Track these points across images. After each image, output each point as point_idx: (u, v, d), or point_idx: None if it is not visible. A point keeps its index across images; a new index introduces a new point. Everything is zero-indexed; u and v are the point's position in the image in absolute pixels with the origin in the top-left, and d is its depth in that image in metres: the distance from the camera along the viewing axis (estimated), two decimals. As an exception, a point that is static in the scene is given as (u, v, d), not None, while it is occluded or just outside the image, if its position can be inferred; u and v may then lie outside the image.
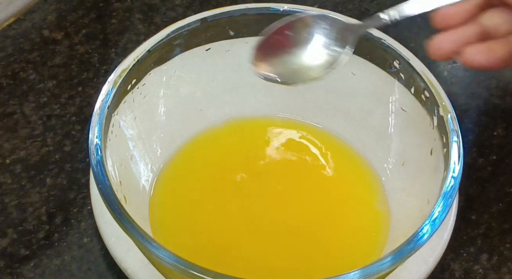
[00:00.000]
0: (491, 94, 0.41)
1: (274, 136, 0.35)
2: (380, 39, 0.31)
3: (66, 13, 0.44)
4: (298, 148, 0.35)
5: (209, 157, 0.34)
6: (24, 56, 0.41)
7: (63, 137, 0.37)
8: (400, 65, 0.31)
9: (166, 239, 0.29)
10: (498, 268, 0.33)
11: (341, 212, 0.33)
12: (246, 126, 0.35)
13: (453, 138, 0.27)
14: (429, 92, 0.29)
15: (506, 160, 0.37)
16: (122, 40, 0.43)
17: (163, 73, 0.32)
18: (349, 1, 0.46)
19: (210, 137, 0.35)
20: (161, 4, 0.46)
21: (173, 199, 0.32)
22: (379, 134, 0.34)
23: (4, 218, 0.33)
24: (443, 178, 0.26)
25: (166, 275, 0.27)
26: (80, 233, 0.33)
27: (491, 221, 0.35)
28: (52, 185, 0.35)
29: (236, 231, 0.31)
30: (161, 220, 0.31)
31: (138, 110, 0.31)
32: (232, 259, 0.30)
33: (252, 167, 0.34)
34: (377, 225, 0.31)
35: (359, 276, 0.23)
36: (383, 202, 0.32)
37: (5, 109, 0.38)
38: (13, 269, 0.32)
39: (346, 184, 0.34)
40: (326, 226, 0.32)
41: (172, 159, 0.33)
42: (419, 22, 0.45)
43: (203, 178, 0.33)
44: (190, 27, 0.31)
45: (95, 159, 0.26)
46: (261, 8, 0.32)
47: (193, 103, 0.34)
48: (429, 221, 0.25)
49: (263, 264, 0.30)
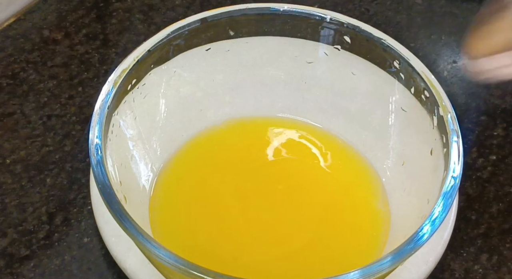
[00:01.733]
0: (491, 94, 0.41)
1: (274, 136, 0.35)
2: (380, 39, 0.31)
3: (66, 13, 0.44)
4: (298, 147, 0.35)
5: (209, 157, 0.34)
6: (24, 56, 0.41)
7: (63, 137, 0.37)
8: (400, 65, 0.31)
9: (166, 239, 0.29)
10: (498, 268, 0.33)
11: (341, 211, 0.32)
12: (246, 126, 0.35)
13: (453, 138, 0.27)
14: (429, 92, 0.29)
15: (506, 160, 0.37)
16: (122, 40, 0.43)
17: (163, 73, 0.32)
18: (349, 1, 0.46)
19: (210, 137, 0.35)
20: (161, 4, 0.46)
21: (173, 199, 0.32)
22: (379, 134, 0.34)
23: (4, 218, 0.33)
24: (443, 178, 0.26)
25: (166, 275, 0.27)
26: (80, 233, 0.33)
27: (491, 221, 0.35)
28: (52, 185, 0.35)
29: (236, 231, 0.31)
30: (161, 220, 0.31)
31: (138, 110, 0.31)
32: (232, 259, 0.30)
33: (252, 166, 0.34)
34: (377, 225, 0.31)
35: (359, 276, 0.23)
36: (383, 201, 0.32)
37: (5, 109, 0.38)
38: (13, 269, 0.32)
39: (346, 183, 0.34)
40: (326, 225, 0.32)
41: (172, 159, 0.33)
42: (419, 22, 0.46)
43: (203, 178, 0.33)
44: (190, 27, 0.31)
45: (95, 159, 0.26)
46: (261, 8, 0.32)
47: (193, 103, 0.34)
48: (429, 221, 0.25)
49: (263, 264, 0.30)
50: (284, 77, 0.35)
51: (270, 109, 0.36)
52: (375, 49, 0.32)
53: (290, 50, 0.34)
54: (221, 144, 0.35)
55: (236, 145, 0.35)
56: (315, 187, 0.34)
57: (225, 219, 0.32)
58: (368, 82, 0.33)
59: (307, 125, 0.36)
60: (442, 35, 0.45)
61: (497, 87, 0.41)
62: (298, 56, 0.34)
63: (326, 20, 0.32)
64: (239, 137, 0.35)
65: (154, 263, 0.27)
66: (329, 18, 0.32)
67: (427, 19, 0.46)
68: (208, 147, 0.35)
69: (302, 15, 0.32)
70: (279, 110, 0.36)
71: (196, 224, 0.32)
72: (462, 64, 0.29)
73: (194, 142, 0.34)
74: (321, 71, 0.34)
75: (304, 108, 0.36)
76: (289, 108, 0.36)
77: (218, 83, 0.35)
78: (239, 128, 0.35)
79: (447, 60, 0.43)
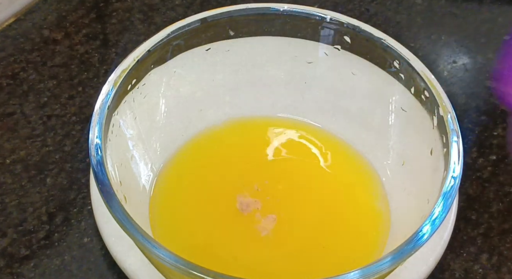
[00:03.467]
0: (491, 94, 0.41)
1: (274, 136, 0.35)
2: (380, 39, 0.31)
3: (66, 13, 0.44)
4: (298, 147, 0.35)
5: (209, 157, 0.34)
6: (24, 56, 0.41)
7: (63, 137, 0.37)
8: (400, 65, 0.31)
9: (166, 239, 0.29)
10: (498, 268, 0.33)
11: (341, 211, 0.32)
12: (246, 126, 0.35)
13: (453, 138, 0.27)
14: (429, 92, 0.29)
15: (506, 160, 0.37)
16: (122, 40, 0.43)
17: (163, 73, 0.32)
18: (349, 1, 0.46)
19: (210, 137, 0.35)
20: (161, 4, 0.46)
21: (173, 198, 0.32)
22: (379, 134, 0.34)
23: (4, 218, 0.33)
24: (443, 178, 0.26)
25: (166, 275, 0.27)
26: (80, 233, 0.33)
27: (491, 221, 0.35)
28: (52, 185, 0.35)
29: (236, 231, 0.31)
30: (161, 220, 0.31)
31: (138, 110, 0.31)
32: (232, 259, 0.30)
33: (252, 166, 0.34)
34: (377, 225, 0.31)
35: (359, 276, 0.23)
36: (384, 201, 0.32)
37: (5, 109, 0.38)
38: (13, 269, 0.32)
39: (346, 183, 0.34)
40: (326, 225, 0.32)
41: (172, 158, 0.33)
42: (419, 22, 0.46)
43: (203, 178, 0.33)
44: (190, 27, 0.31)
45: (95, 159, 0.26)
46: (261, 8, 0.32)
47: (193, 103, 0.34)
48: (429, 221, 0.25)
49: (263, 264, 0.30)
50: (284, 77, 0.35)
51: (270, 109, 0.36)
52: (375, 49, 0.32)
53: (290, 50, 0.34)
54: (221, 144, 0.35)
55: (236, 144, 0.35)
56: (315, 186, 0.33)
57: (224, 219, 0.32)
58: (368, 82, 0.33)
59: (307, 125, 0.36)
60: (442, 35, 0.45)
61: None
62: (298, 56, 0.34)
63: (326, 20, 0.32)
64: (239, 137, 0.35)
65: (154, 263, 0.27)
66: (329, 18, 0.32)
67: (427, 19, 0.46)
68: (208, 146, 0.35)
69: (302, 15, 0.32)
70: (279, 110, 0.36)
71: (196, 223, 0.32)
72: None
73: (194, 142, 0.34)
74: (321, 71, 0.34)
75: (304, 108, 0.36)
76: (289, 108, 0.36)
77: (218, 83, 0.35)
78: (239, 128, 0.35)
79: (447, 60, 0.43)
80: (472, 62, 0.43)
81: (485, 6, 0.47)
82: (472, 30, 0.45)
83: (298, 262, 0.30)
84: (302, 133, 0.35)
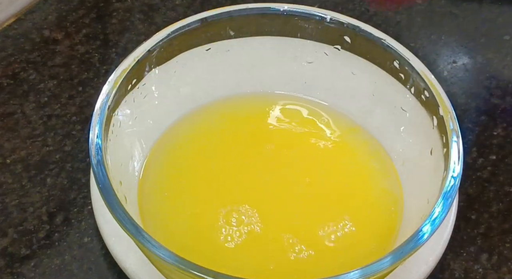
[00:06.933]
0: (491, 94, 0.41)
1: (274, 113, 0.35)
2: (380, 39, 0.31)
3: (67, 13, 0.44)
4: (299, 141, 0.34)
5: (209, 154, 0.34)
6: (24, 56, 0.41)
7: (63, 137, 0.37)
8: (400, 65, 0.31)
9: (159, 236, 0.29)
10: (498, 268, 0.33)
11: (353, 188, 0.32)
12: (246, 125, 0.35)
13: (453, 138, 0.27)
14: (429, 92, 0.29)
15: (506, 160, 0.37)
16: (122, 40, 0.43)
17: (163, 73, 0.32)
18: (349, 1, 0.46)
19: (210, 135, 0.34)
20: (161, 4, 0.46)
21: (163, 186, 0.31)
22: (379, 134, 0.34)
23: (4, 218, 0.33)
24: (443, 178, 0.26)
25: (166, 274, 0.27)
26: (81, 232, 0.33)
27: (491, 221, 0.35)
28: (53, 184, 0.35)
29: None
30: (151, 213, 0.30)
31: (138, 110, 0.31)
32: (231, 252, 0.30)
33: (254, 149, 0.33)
34: (393, 205, 0.31)
35: (359, 276, 0.23)
36: (396, 185, 0.31)
37: (6, 109, 0.38)
38: (13, 268, 0.32)
39: (363, 167, 0.33)
40: (338, 214, 0.31)
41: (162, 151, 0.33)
42: (419, 22, 0.46)
43: (202, 174, 0.33)
44: (190, 27, 0.31)
45: (95, 159, 0.26)
46: (261, 8, 0.32)
47: (193, 103, 0.34)
48: (429, 220, 0.25)
49: (263, 263, 0.30)
50: (284, 77, 0.35)
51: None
52: (375, 49, 0.32)
53: (290, 50, 0.34)
54: (221, 141, 0.35)
55: (235, 141, 0.34)
56: (321, 160, 0.33)
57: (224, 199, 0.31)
58: (368, 82, 0.33)
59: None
60: (442, 35, 0.45)
61: (497, 87, 0.41)
62: (298, 56, 0.34)
63: (326, 20, 0.32)
64: (239, 135, 0.35)
65: (154, 263, 0.27)
66: (329, 18, 0.32)
67: (427, 19, 0.46)
68: (208, 144, 0.34)
69: (302, 15, 0.32)
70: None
71: (196, 223, 0.31)
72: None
73: (192, 140, 0.34)
74: (321, 71, 0.34)
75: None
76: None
77: (218, 83, 0.35)
78: (240, 127, 0.35)
79: (447, 60, 0.43)
80: (472, 62, 0.43)
81: (485, 6, 0.47)
82: (472, 30, 0.45)
83: (298, 261, 0.30)
84: (303, 130, 0.35)
